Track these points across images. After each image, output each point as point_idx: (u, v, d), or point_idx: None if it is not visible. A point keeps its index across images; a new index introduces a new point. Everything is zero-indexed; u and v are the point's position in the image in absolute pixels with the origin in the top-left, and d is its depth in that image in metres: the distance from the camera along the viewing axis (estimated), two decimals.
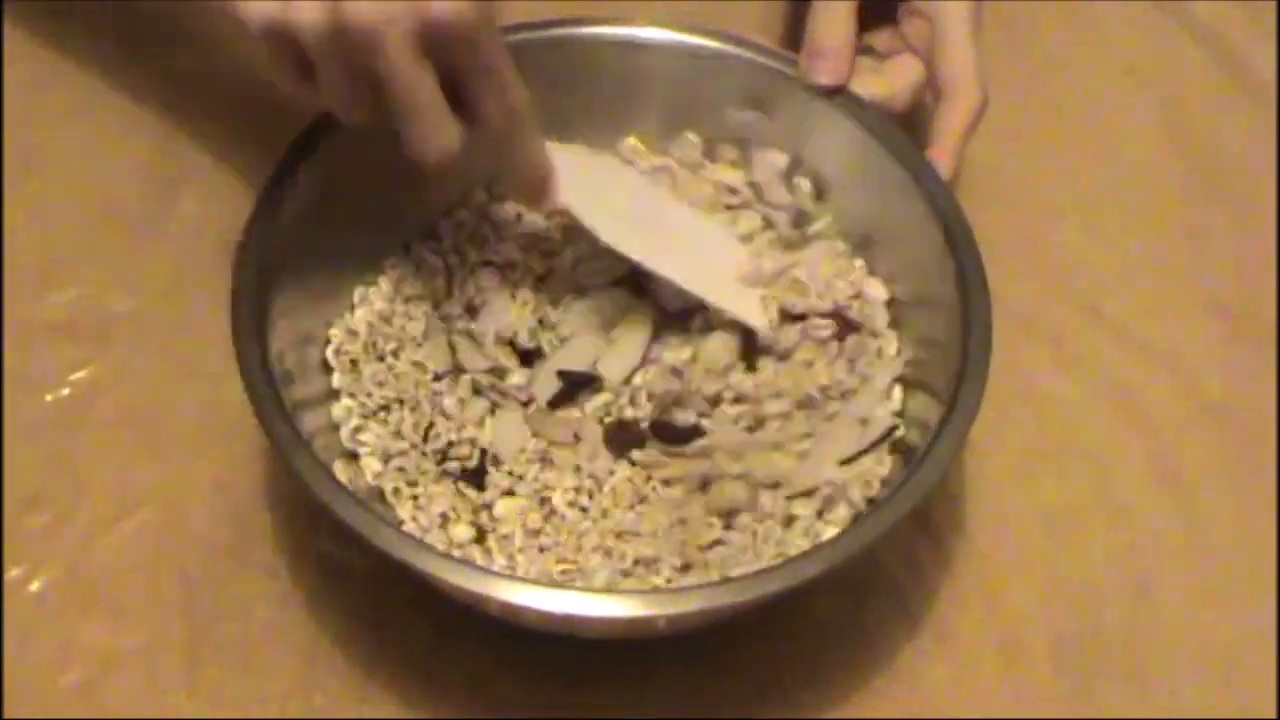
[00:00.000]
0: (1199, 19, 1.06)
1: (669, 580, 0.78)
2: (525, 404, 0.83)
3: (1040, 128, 1.01)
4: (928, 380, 0.81)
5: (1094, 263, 0.96)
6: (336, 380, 0.83)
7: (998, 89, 0.89)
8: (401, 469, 0.81)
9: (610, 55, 0.88)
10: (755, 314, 0.84)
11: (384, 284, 0.86)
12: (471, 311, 0.86)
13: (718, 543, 0.79)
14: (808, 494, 0.80)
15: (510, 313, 0.85)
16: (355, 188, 0.84)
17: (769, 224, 0.89)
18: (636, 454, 0.82)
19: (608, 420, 0.83)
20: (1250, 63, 1.04)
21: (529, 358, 0.85)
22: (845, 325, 0.85)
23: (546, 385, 0.83)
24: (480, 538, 0.80)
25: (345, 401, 0.83)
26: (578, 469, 0.81)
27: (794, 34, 0.91)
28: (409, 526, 0.79)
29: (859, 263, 0.88)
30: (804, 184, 0.89)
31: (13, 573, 0.81)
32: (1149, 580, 0.84)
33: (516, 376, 0.84)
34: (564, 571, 0.78)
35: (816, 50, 0.87)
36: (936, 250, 0.82)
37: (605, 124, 0.90)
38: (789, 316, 0.85)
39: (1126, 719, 0.80)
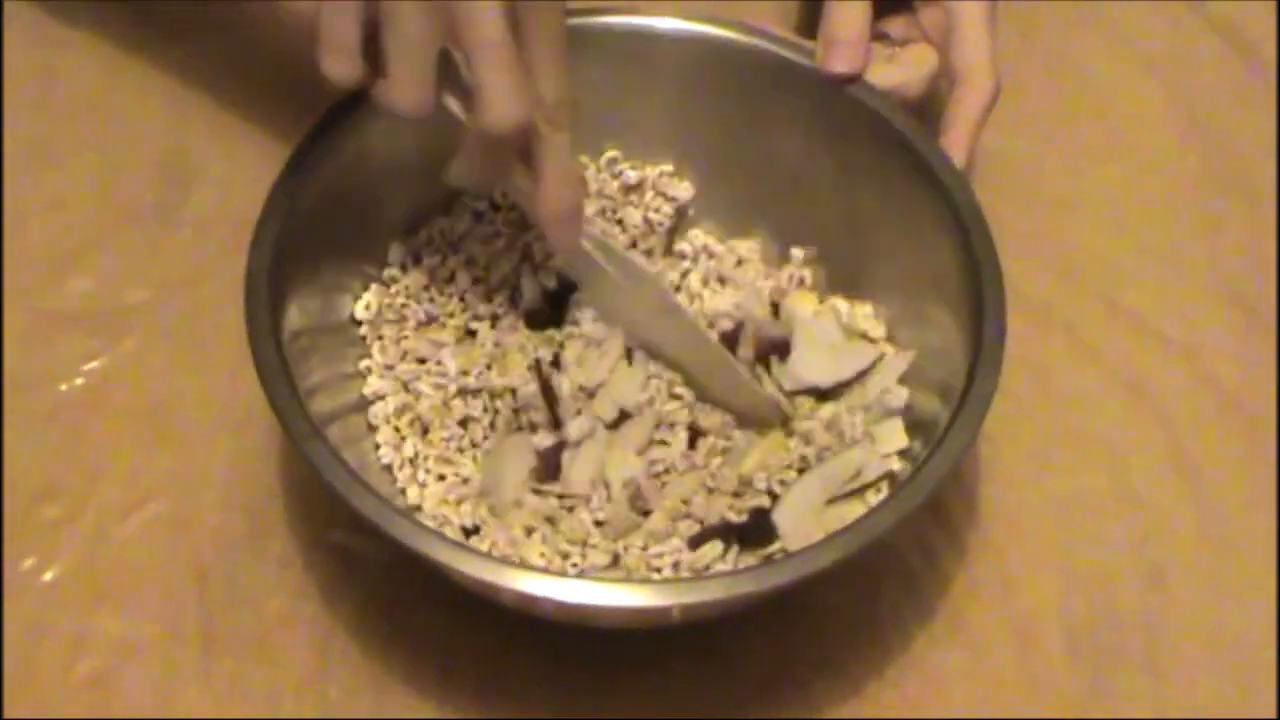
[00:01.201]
0: (1215, 11, 1.06)
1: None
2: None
3: (1056, 120, 1.01)
4: (942, 372, 0.81)
5: (1110, 254, 0.96)
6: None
7: (1013, 81, 0.89)
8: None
9: (625, 47, 0.88)
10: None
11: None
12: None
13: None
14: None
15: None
16: (369, 179, 0.84)
17: None
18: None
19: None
20: (1266, 55, 1.04)
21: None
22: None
23: None
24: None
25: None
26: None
27: (809, 23, 0.91)
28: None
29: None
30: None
31: (26, 563, 0.81)
32: (1164, 570, 0.84)
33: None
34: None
35: (834, 39, 0.86)
36: (950, 241, 0.81)
37: (615, 117, 0.90)
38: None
39: (1140, 709, 0.80)
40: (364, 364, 0.84)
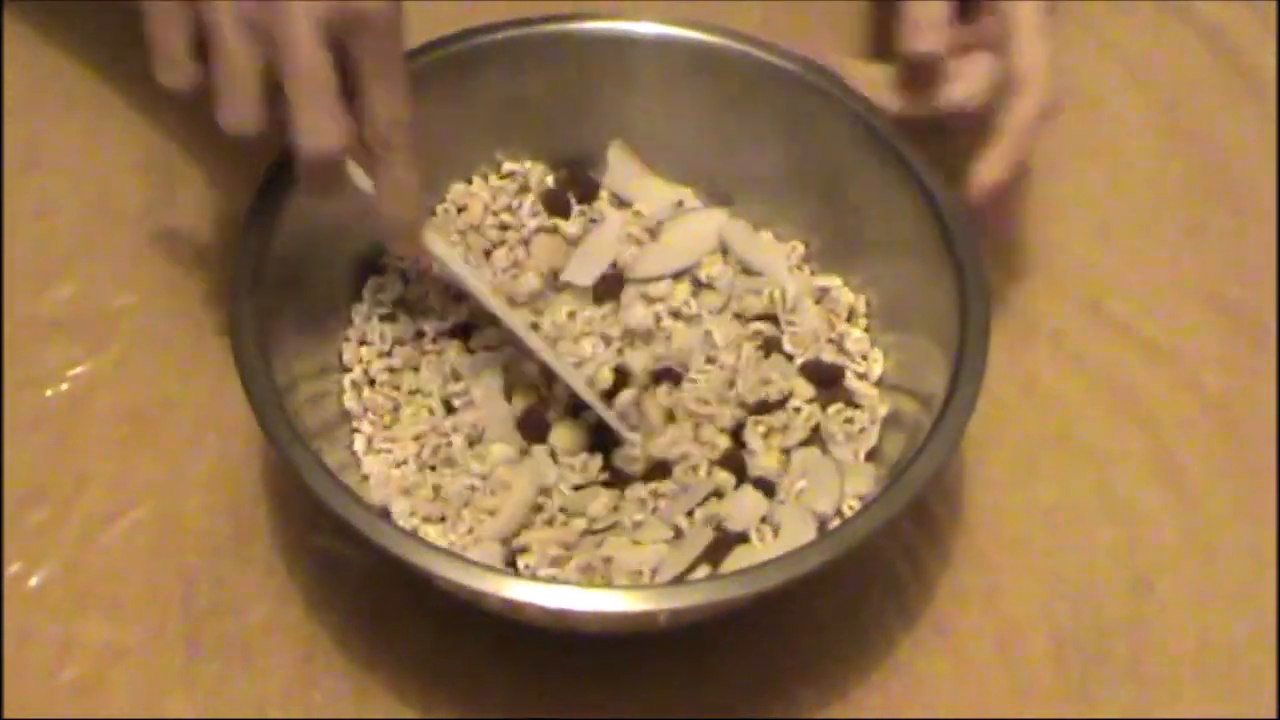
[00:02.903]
0: (1201, 17, 1.06)
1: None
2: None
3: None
4: (926, 376, 0.81)
5: (1095, 260, 0.95)
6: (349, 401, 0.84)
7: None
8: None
9: (607, 52, 0.88)
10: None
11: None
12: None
13: None
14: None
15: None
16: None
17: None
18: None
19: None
20: (1252, 61, 1.04)
21: None
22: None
23: None
24: None
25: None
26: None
27: (871, 34, 0.90)
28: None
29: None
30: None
31: (12, 568, 0.81)
32: (1149, 577, 0.84)
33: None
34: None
35: (918, 20, 0.85)
36: (934, 246, 0.82)
37: (600, 122, 0.90)
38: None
39: (1124, 715, 0.80)
40: (347, 379, 0.85)
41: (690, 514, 0.80)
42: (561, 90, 0.89)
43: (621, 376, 0.84)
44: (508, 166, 0.91)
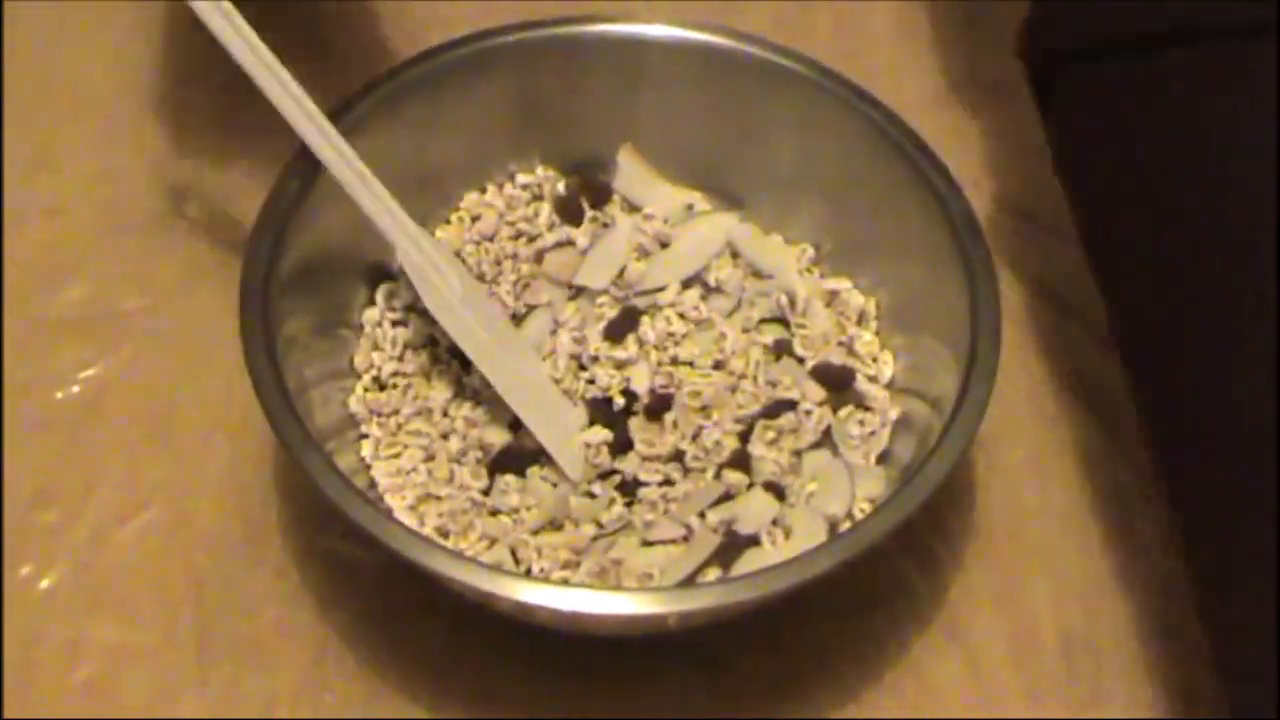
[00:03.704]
0: None
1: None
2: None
3: None
4: (937, 378, 0.81)
5: None
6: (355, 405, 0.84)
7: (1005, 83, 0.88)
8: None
9: (617, 54, 0.88)
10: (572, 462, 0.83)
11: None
12: None
13: None
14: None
15: None
16: None
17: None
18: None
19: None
20: None
21: None
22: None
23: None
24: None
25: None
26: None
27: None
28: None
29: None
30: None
31: (22, 570, 0.81)
32: (1162, 576, 0.84)
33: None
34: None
35: None
36: (945, 248, 0.81)
37: (610, 125, 0.90)
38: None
39: (1138, 717, 0.80)
40: (358, 384, 0.85)
41: (701, 515, 0.80)
42: (572, 93, 0.89)
43: (630, 398, 0.84)
44: (522, 178, 0.91)
